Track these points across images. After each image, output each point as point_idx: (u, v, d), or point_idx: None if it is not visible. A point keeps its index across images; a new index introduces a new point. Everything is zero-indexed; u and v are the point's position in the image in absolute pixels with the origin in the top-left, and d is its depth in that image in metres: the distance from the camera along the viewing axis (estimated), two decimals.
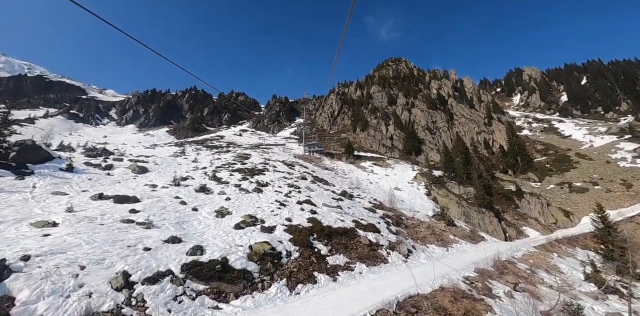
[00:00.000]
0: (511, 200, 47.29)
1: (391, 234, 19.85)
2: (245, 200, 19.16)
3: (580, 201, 49.80)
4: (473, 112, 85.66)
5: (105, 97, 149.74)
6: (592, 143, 71.43)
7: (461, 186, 43.39)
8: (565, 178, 57.10)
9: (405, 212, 28.88)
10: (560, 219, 45.15)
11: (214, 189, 21.11)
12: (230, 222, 14.37)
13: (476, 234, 31.37)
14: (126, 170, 25.24)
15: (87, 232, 10.34)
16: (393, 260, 15.97)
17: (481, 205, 38.50)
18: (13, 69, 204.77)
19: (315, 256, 12.82)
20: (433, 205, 35.73)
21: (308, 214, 17.73)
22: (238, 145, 60.82)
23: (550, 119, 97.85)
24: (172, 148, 49.72)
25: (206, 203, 17.19)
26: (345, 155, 57.05)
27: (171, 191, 19.31)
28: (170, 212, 14.55)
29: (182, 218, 14.02)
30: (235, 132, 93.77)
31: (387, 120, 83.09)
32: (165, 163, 30.98)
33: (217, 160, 36.00)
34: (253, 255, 11.00)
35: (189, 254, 10.03)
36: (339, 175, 40.73)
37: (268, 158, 39.36)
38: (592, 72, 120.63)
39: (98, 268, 8.24)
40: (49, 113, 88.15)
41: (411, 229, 24.06)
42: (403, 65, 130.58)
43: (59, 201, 14.55)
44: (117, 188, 19.10)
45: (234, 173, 27.63)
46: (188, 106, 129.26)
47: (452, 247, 23.95)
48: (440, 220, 29.66)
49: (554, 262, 23.75)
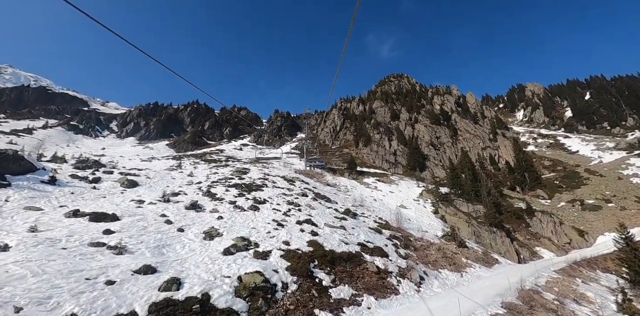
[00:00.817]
0: (522, 218, 45.07)
1: (400, 258, 17.87)
2: (240, 219, 17.32)
3: (594, 219, 47.52)
4: (477, 128, 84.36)
5: (107, 109, 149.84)
6: (601, 159, 69.55)
7: (470, 204, 41.31)
8: (576, 196, 54.93)
9: (413, 232, 26.84)
10: (575, 239, 42.78)
11: (206, 206, 19.31)
12: (219, 246, 12.53)
13: (489, 256, 29.17)
14: (114, 184, 23.56)
15: (41, 259, 8.55)
16: (404, 290, 13.98)
17: (492, 224, 36.32)
18: (19, 80, 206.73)
19: (317, 288, 10.90)
20: (441, 224, 33.61)
21: (308, 236, 15.86)
22: (237, 159, 59.21)
23: (555, 135, 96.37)
24: (169, 161, 48.13)
25: (195, 223, 15.37)
26: (347, 171, 55.25)
27: (158, 208, 17.55)
28: (151, 233, 12.74)
29: (164, 241, 12.19)
30: (235, 146, 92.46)
31: (390, 135, 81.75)
32: (159, 177, 29.29)
33: (214, 175, 34.30)
34: (242, 289, 9.12)
35: (162, 289, 8.18)
36: (341, 192, 38.84)
37: (267, 173, 37.64)
38: (596, 88, 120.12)
39: (38, 311, 6.43)
40: (48, 124, 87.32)
41: (421, 252, 22.03)
42: (405, 81, 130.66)
43: (27, 218, 12.83)
44: (100, 204, 17.37)
45: (230, 188, 25.87)
46: (189, 120, 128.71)
47: (466, 272, 21.84)
48: (450, 241, 27.56)
49: (580, 289, 21.50)
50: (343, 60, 7.82)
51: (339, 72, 8.47)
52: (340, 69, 8.08)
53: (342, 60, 7.68)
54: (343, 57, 7.52)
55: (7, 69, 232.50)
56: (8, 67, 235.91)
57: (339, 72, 8.47)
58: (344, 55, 7.44)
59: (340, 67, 7.90)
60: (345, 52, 7.26)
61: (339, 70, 8.17)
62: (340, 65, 7.80)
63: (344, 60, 7.67)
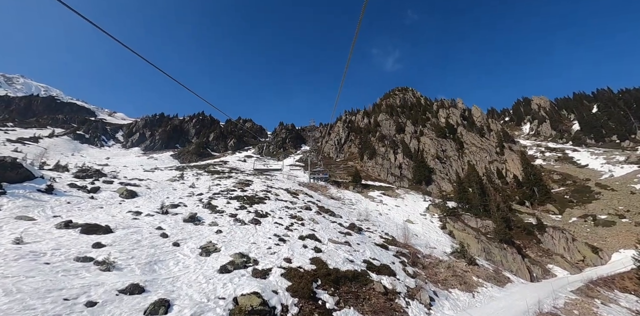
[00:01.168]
0: (532, 234, 43.52)
1: (409, 277, 16.84)
2: (240, 233, 16.51)
3: (608, 235, 45.72)
4: (484, 141, 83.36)
5: (114, 119, 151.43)
6: (612, 173, 67.88)
7: (478, 219, 40.04)
8: (587, 211, 53.22)
9: (420, 248, 25.72)
10: (588, 256, 40.99)
11: (206, 219, 18.55)
12: (216, 263, 11.71)
13: (500, 274, 27.82)
14: (113, 194, 22.97)
15: (19, 276, 7.81)
16: (414, 313, 12.97)
17: (502, 241, 34.98)
18: (30, 90, 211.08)
19: (319, 311, 9.97)
20: (450, 240, 32.40)
21: (311, 252, 14.98)
22: (241, 171, 58.68)
23: (563, 148, 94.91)
24: (172, 172, 47.71)
25: (192, 237, 14.60)
26: (352, 184, 54.34)
27: (155, 220, 16.83)
28: (144, 248, 11.98)
29: (157, 256, 11.41)
30: (239, 157, 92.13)
31: (396, 148, 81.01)
32: (159, 187, 28.69)
33: (216, 186, 33.65)
34: (237, 312, 8.26)
35: (148, 312, 7.37)
36: (346, 205, 37.88)
37: (270, 186, 36.89)
38: (603, 101, 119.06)
39: None
40: (54, 133, 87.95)
41: (430, 270, 20.91)
42: (410, 94, 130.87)
43: (16, 228, 12.17)
44: (95, 215, 16.72)
45: (231, 201, 25.14)
46: (195, 131, 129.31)
47: (478, 292, 20.62)
48: (460, 258, 26.35)
49: (600, 312, 20.12)
50: (347, 73, 7.83)
51: (342, 84, 8.47)
52: (344, 81, 8.13)
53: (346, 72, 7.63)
54: (347, 69, 7.47)
55: (19, 79, 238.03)
56: (20, 77, 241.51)
57: (342, 84, 8.47)
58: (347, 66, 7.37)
59: (343, 79, 8.04)
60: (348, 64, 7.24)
61: (343, 82, 8.11)
62: (344, 77, 7.91)
63: (348, 72, 7.70)
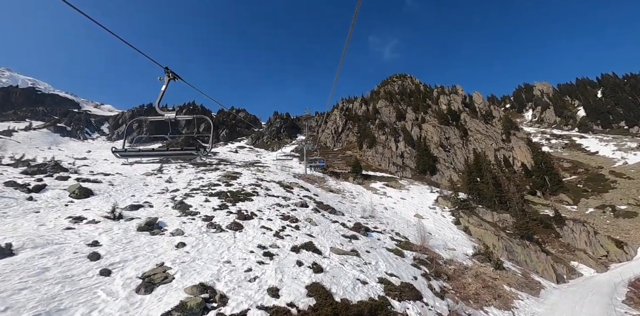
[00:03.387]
0: (550, 227, 39.80)
1: (438, 299, 12.72)
2: (210, 246, 12.12)
3: (631, 228, 42.19)
4: (489, 128, 79.13)
5: (100, 111, 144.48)
6: (626, 160, 64.36)
7: (494, 212, 36.08)
8: (605, 201, 49.66)
9: (439, 251, 21.62)
10: (613, 251, 37.40)
11: (169, 226, 14.13)
12: (158, 307, 7.35)
13: (530, 279, 23.94)
14: (61, 193, 18.50)
15: None
16: None
17: (523, 237, 31.12)
18: (16, 83, 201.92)
19: None
20: (467, 238, 28.42)
21: (309, 273, 10.65)
22: (230, 162, 54.15)
23: (569, 135, 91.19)
24: (153, 165, 43.07)
25: (137, 256, 10.20)
26: (352, 175, 50.07)
27: (96, 229, 12.43)
28: (45, 284, 7.57)
29: (58, 301, 7.01)
30: (230, 148, 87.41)
31: (397, 136, 76.56)
32: (127, 183, 24.16)
33: (198, 180, 29.18)
34: None
35: None
36: (347, 199, 33.67)
37: (261, 179, 32.44)
38: (608, 86, 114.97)
39: None
40: (32, 126, 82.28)
41: (456, 281, 16.80)
42: (409, 81, 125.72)
43: None
44: (14, 224, 12.31)
45: (211, 198, 20.73)
46: (185, 122, 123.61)
47: (516, 307, 16.62)
48: (484, 261, 22.37)
49: None
50: (344, 61, 7.41)
51: (339, 72, 8.04)
52: (340, 68, 7.74)
53: (343, 60, 7.27)
54: (344, 56, 7.12)
55: (5, 72, 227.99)
56: (5, 70, 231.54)
57: (339, 72, 8.04)
58: (344, 54, 7.03)
59: (340, 66, 7.63)
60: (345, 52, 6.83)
61: (340, 69, 7.74)
62: (341, 65, 7.50)
63: (345, 60, 7.39)
